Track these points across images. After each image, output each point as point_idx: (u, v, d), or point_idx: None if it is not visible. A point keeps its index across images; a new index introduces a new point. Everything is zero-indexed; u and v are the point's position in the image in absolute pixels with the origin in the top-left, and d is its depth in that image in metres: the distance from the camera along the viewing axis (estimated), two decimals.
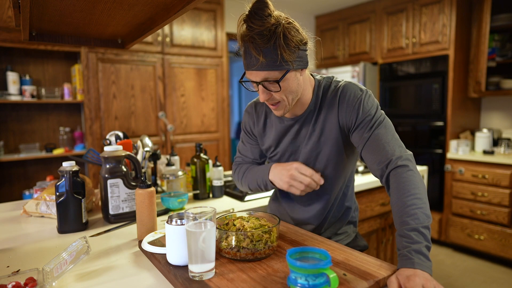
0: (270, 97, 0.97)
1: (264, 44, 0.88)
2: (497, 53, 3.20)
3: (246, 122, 1.23)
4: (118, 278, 0.84)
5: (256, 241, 0.85)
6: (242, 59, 0.96)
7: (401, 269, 0.76)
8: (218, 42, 3.47)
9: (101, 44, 1.49)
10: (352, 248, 1.24)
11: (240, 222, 0.93)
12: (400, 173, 0.92)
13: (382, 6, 3.73)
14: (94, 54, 2.82)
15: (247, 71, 0.95)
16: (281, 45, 0.89)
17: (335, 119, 1.04)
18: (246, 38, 0.90)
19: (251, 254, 0.84)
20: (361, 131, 1.00)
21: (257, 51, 0.88)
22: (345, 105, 1.01)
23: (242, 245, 0.84)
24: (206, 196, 1.63)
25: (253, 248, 0.84)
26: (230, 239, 0.86)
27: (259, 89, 0.96)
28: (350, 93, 1.01)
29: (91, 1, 0.98)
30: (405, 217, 0.84)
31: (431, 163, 3.37)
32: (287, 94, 0.97)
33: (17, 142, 2.81)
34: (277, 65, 0.90)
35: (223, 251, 0.87)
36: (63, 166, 1.17)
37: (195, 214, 0.77)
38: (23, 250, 1.03)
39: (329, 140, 1.06)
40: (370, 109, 1.00)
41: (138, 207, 1.07)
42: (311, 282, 0.68)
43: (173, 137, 3.24)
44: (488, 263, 2.99)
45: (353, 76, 3.78)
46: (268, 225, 0.92)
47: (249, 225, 0.91)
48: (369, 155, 0.99)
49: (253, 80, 0.95)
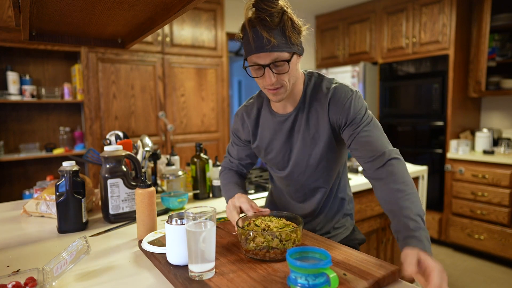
0: (276, 80, 0.97)
1: (275, 26, 0.92)
2: (497, 53, 3.20)
3: (234, 125, 1.26)
4: (118, 277, 0.84)
5: (286, 241, 0.85)
6: (247, 44, 0.96)
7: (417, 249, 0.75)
8: (218, 42, 3.47)
9: (101, 44, 1.49)
10: (350, 240, 1.25)
11: (263, 222, 0.93)
12: (395, 164, 0.96)
13: (382, 6, 3.73)
14: (94, 54, 2.82)
15: (255, 55, 0.95)
16: (289, 28, 0.93)
17: (326, 117, 1.06)
18: (256, 20, 0.92)
19: (280, 253, 0.85)
20: (352, 127, 1.02)
21: (268, 33, 0.91)
22: (336, 105, 1.03)
23: (272, 245, 0.84)
24: (206, 196, 1.63)
25: (282, 248, 0.85)
26: (259, 240, 0.85)
27: (265, 72, 0.97)
28: (341, 93, 1.04)
29: (91, 1, 0.98)
30: (408, 203, 0.87)
31: (431, 163, 3.37)
32: (290, 77, 0.99)
33: (17, 142, 2.81)
34: (286, 47, 0.94)
35: (251, 252, 0.86)
36: (63, 166, 1.17)
37: (195, 214, 0.77)
38: (23, 249, 1.03)
39: (321, 137, 1.08)
40: (360, 109, 1.03)
41: (138, 207, 1.07)
42: (311, 282, 0.68)
43: (173, 137, 3.24)
44: (488, 263, 2.99)
45: (353, 76, 3.78)
46: (292, 225, 0.93)
47: (274, 225, 0.91)
48: (360, 149, 1.01)
49: (261, 63, 0.95)
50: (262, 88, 1.03)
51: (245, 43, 0.98)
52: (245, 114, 1.20)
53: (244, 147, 1.26)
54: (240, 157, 1.28)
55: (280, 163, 1.18)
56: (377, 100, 3.86)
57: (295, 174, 1.16)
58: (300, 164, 1.13)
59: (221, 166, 1.34)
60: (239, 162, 1.29)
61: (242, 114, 1.21)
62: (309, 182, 1.16)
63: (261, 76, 0.98)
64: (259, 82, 1.01)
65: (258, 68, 0.98)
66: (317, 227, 1.23)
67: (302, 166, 1.13)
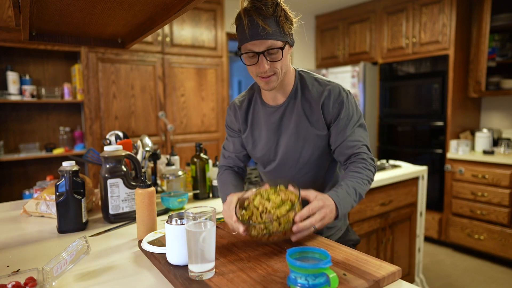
0: (269, 68, 1.01)
1: (270, 15, 0.97)
2: (497, 53, 3.20)
3: (227, 118, 1.30)
4: (118, 277, 0.84)
5: (285, 223, 0.86)
6: (242, 33, 1.00)
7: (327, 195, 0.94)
8: (218, 42, 3.47)
9: (101, 44, 1.49)
10: (345, 242, 1.26)
11: (260, 202, 0.93)
12: (363, 162, 1.06)
13: (382, 6, 3.73)
14: (94, 54, 2.82)
15: (250, 42, 0.99)
16: (282, 18, 0.99)
17: (318, 112, 1.10)
18: (252, 9, 0.97)
19: (283, 234, 0.87)
20: (339, 125, 1.09)
21: (263, 21, 0.96)
22: (330, 102, 1.09)
23: (272, 230, 0.86)
24: (206, 196, 1.63)
25: (282, 230, 0.86)
26: (259, 227, 0.87)
27: (259, 59, 1.00)
28: (336, 92, 1.09)
29: (91, 1, 0.98)
30: (354, 180, 1.01)
31: (431, 163, 3.37)
32: (282, 66, 1.04)
33: (17, 142, 2.81)
34: (280, 35, 0.99)
35: (254, 238, 0.89)
36: (63, 166, 1.17)
37: (195, 214, 0.77)
38: (23, 249, 1.03)
39: (313, 130, 1.12)
40: (351, 108, 1.10)
41: (138, 207, 1.07)
42: (311, 282, 0.68)
43: (173, 137, 3.24)
44: (488, 263, 2.99)
45: (353, 76, 3.78)
46: (290, 200, 0.92)
47: (270, 205, 0.90)
48: (341, 147, 1.09)
49: (256, 50, 0.99)
50: (255, 77, 1.06)
51: (239, 32, 1.02)
52: (237, 105, 1.24)
53: (239, 137, 1.27)
54: (236, 149, 1.28)
55: (267, 156, 1.19)
56: (377, 100, 3.86)
57: (286, 167, 1.17)
58: (291, 157, 1.15)
59: (218, 167, 1.34)
60: (236, 155, 1.29)
61: (234, 106, 1.25)
62: (299, 176, 1.17)
63: (255, 63, 1.02)
64: (252, 69, 1.04)
65: (252, 56, 1.01)
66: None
67: (294, 158, 1.15)
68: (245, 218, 0.92)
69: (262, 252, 0.90)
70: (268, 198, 0.93)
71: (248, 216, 0.92)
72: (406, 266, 2.29)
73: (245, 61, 1.04)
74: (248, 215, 0.93)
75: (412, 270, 2.35)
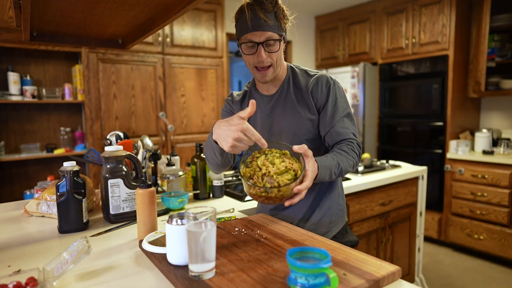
0: (267, 58, 1.09)
1: (270, 9, 1.07)
2: (497, 53, 3.21)
3: (223, 110, 1.36)
4: (118, 277, 0.84)
5: (284, 191, 0.88)
6: (243, 24, 1.08)
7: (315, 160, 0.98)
8: (218, 42, 3.47)
9: (101, 44, 1.50)
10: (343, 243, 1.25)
11: (264, 163, 0.93)
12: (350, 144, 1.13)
13: (382, 6, 3.74)
14: (95, 54, 2.82)
15: (251, 33, 1.07)
16: (281, 14, 1.09)
17: (308, 97, 1.17)
18: (255, 3, 1.06)
19: (279, 200, 0.89)
20: (327, 111, 1.15)
21: (264, 14, 1.05)
22: (318, 88, 1.17)
23: (271, 195, 0.87)
24: (206, 196, 1.63)
25: (280, 196, 0.88)
26: (258, 189, 0.88)
27: (257, 49, 1.08)
28: (323, 79, 1.18)
29: (92, 1, 0.99)
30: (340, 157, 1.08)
31: (431, 163, 3.37)
32: (278, 58, 1.12)
33: (18, 142, 2.81)
34: (278, 29, 1.09)
35: (251, 195, 0.91)
36: (64, 166, 1.17)
37: (195, 214, 0.78)
38: (24, 249, 1.04)
39: (305, 115, 1.17)
40: (338, 95, 1.17)
41: (138, 207, 1.08)
42: (311, 281, 0.69)
43: (174, 137, 3.25)
44: (488, 263, 2.99)
45: (353, 77, 3.79)
46: (293, 169, 0.92)
47: (274, 170, 0.91)
48: (330, 133, 1.15)
49: (256, 40, 1.07)
50: (252, 68, 1.13)
51: (240, 23, 1.10)
52: (233, 98, 1.32)
53: None
54: None
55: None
56: (376, 101, 3.87)
57: None
58: (285, 140, 1.17)
59: None
60: None
61: (230, 99, 1.33)
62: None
63: (254, 53, 1.09)
64: (250, 59, 1.11)
65: (251, 46, 1.09)
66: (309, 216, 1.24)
67: (287, 142, 1.17)
68: (246, 175, 0.93)
69: (262, 252, 0.90)
70: (272, 162, 0.93)
71: (250, 174, 0.93)
72: (406, 266, 2.29)
73: (244, 51, 1.11)
74: (250, 173, 0.93)
75: (412, 270, 2.35)
